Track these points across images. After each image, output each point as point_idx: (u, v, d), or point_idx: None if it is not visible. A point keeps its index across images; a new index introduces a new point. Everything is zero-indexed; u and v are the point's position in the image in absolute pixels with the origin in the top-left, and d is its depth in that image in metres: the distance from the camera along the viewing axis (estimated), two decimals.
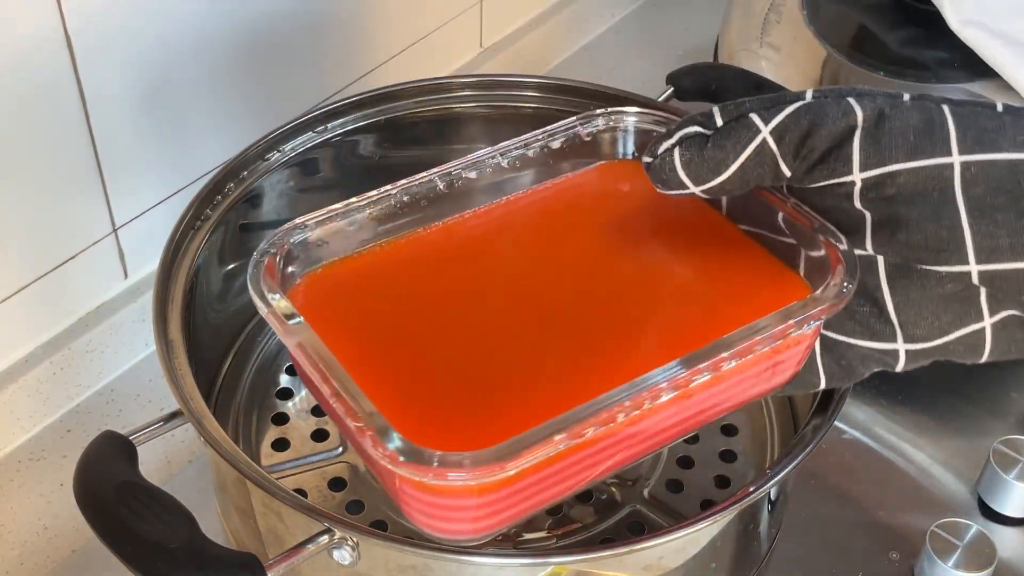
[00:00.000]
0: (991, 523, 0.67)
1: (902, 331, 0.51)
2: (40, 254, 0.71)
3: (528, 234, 0.55)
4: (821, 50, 0.80)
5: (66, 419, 0.73)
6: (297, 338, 0.47)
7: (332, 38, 0.82)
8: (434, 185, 0.54)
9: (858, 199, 0.50)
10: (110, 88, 0.69)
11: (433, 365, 0.49)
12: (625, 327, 0.50)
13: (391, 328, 0.50)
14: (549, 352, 0.49)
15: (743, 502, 0.52)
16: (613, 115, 0.57)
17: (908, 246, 0.49)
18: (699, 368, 0.46)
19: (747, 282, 0.52)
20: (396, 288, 0.52)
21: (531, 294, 0.52)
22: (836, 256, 0.50)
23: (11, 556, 0.67)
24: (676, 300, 0.52)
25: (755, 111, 0.49)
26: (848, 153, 0.49)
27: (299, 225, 0.51)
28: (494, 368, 0.49)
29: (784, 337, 0.48)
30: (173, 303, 0.59)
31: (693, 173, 0.50)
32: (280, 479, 0.61)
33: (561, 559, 0.52)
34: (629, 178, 0.57)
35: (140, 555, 0.47)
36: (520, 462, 0.43)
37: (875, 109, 0.49)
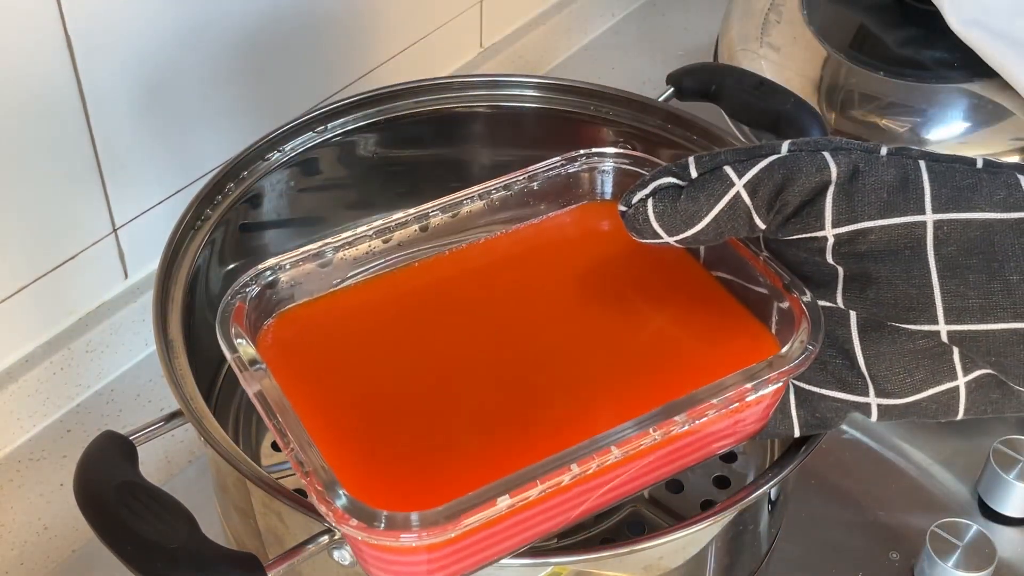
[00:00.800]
0: (991, 523, 0.67)
1: (874, 385, 0.51)
2: (40, 254, 0.71)
3: (502, 277, 0.55)
4: (821, 50, 0.80)
5: (66, 419, 0.73)
6: (256, 386, 0.47)
7: (332, 38, 0.82)
8: (409, 227, 0.54)
9: (830, 254, 0.50)
10: (110, 88, 0.69)
11: (389, 417, 0.49)
12: (586, 382, 0.50)
13: (352, 375, 0.50)
14: (506, 407, 0.49)
15: (743, 502, 0.52)
16: (593, 157, 0.57)
17: (878, 303, 0.49)
18: (648, 431, 0.45)
19: (715, 336, 0.52)
20: (363, 332, 0.52)
21: (497, 343, 0.52)
22: (801, 313, 0.50)
23: (11, 556, 0.67)
24: (642, 352, 0.52)
25: (729, 163, 0.49)
26: (821, 208, 0.49)
27: (272, 266, 0.51)
28: (450, 421, 0.49)
29: (740, 400, 0.48)
30: (173, 303, 0.59)
31: (666, 224, 0.50)
32: (280, 479, 0.61)
33: (561, 559, 0.51)
34: (608, 219, 0.57)
35: (140, 555, 0.47)
36: (464, 523, 0.43)
37: (850, 165, 0.49)
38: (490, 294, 0.54)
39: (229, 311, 0.50)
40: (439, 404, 0.49)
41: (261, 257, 0.70)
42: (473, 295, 0.54)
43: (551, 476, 0.44)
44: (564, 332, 0.53)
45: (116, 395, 0.75)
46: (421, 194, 0.74)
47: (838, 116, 0.79)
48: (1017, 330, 0.48)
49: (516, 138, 0.73)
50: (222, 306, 0.50)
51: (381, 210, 0.74)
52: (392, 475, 0.46)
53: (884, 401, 0.51)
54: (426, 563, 0.45)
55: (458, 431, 0.48)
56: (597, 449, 0.45)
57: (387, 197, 0.74)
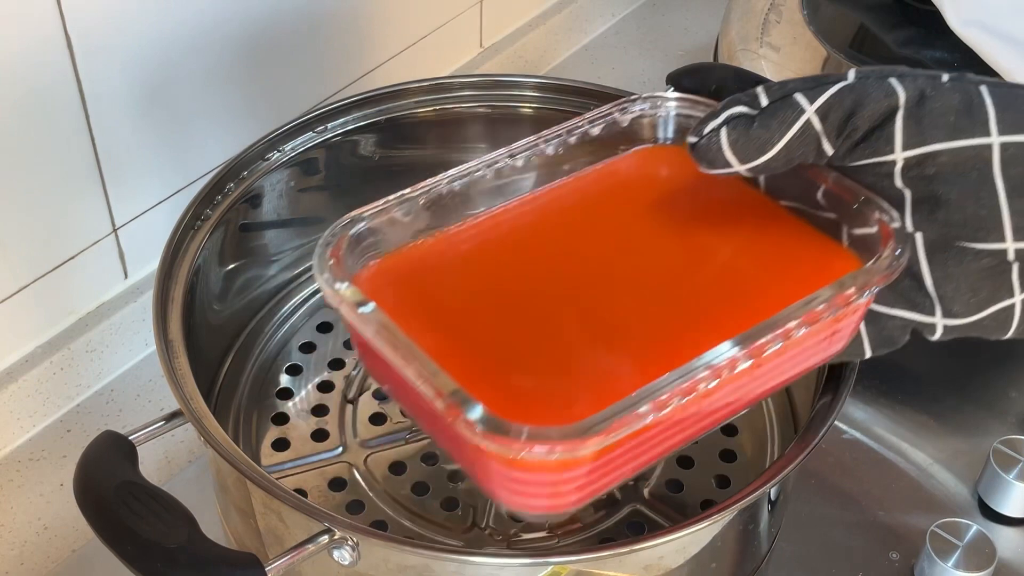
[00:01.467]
0: (991, 523, 0.67)
1: (940, 305, 0.52)
2: (40, 254, 0.71)
3: (576, 218, 0.56)
4: (821, 50, 0.80)
5: (66, 419, 0.73)
6: (374, 325, 0.47)
7: (332, 38, 0.82)
8: (483, 175, 0.55)
9: (898, 178, 0.51)
10: (110, 88, 0.69)
11: (505, 345, 0.49)
12: (687, 303, 0.51)
13: (457, 313, 0.51)
14: (616, 330, 0.50)
15: (743, 502, 0.52)
16: (652, 100, 0.58)
17: (947, 224, 0.51)
18: (771, 337, 0.47)
19: (798, 256, 0.53)
20: (456, 275, 0.53)
21: (588, 276, 0.53)
22: (887, 229, 0.51)
23: (11, 556, 0.67)
24: (733, 275, 0.53)
25: (800, 91, 0.50)
26: (890, 133, 0.50)
27: (355, 217, 0.52)
28: (564, 347, 0.49)
29: (846, 305, 0.49)
30: (173, 303, 0.59)
31: (739, 152, 0.51)
32: (280, 479, 0.61)
33: (561, 559, 0.52)
34: (667, 162, 0.58)
35: (140, 555, 0.47)
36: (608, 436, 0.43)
37: (916, 89, 0.50)
38: (572, 234, 0.55)
39: (324, 256, 0.50)
40: (548, 332, 0.50)
41: (261, 257, 0.71)
42: (555, 236, 0.55)
43: (688, 384, 0.45)
44: (653, 262, 0.54)
45: (116, 395, 0.75)
46: None
47: None
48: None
49: (516, 138, 0.73)
50: (317, 253, 0.50)
51: None
52: (524, 397, 0.47)
53: (950, 321, 0.53)
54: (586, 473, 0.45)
55: (575, 356, 0.49)
56: (725, 358, 0.46)
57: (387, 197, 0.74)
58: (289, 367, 0.70)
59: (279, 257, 0.72)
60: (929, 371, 0.75)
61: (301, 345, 0.71)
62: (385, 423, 0.66)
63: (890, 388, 0.74)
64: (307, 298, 0.73)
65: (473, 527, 0.61)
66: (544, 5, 1.03)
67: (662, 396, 0.44)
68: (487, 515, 0.61)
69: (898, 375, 0.74)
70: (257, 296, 0.71)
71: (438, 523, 0.61)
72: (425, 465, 0.64)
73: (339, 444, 0.65)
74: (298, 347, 0.70)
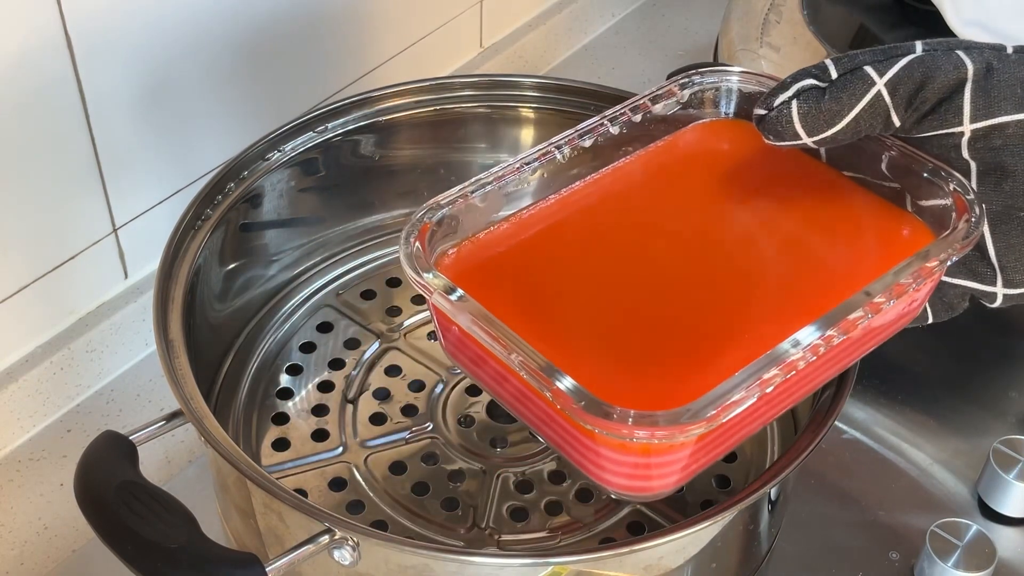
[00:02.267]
0: (991, 523, 0.67)
1: (1002, 275, 0.53)
2: (40, 254, 0.71)
3: (647, 197, 0.56)
4: (821, 50, 0.80)
5: (66, 419, 0.73)
6: (467, 313, 0.47)
7: (332, 38, 0.82)
8: (552, 157, 0.55)
9: (965, 149, 0.52)
10: (110, 88, 0.69)
11: (597, 326, 0.50)
12: (770, 279, 0.52)
13: (544, 296, 0.51)
14: (702, 308, 0.51)
15: (743, 502, 0.52)
16: (712, 73, 0.59)
17: (1013, 195, 0.51)
18: (862, 312, 0.47)
19: (870, 226, 0.54)
20: (536, 259, 0.53)
21: (665, 251, 0.54)
22: (961, 200, 0.51)
23: (11, 556, 0.67)
24: (810, 249, 0.53)
25: (869, 63, 0.51)
26: (959, 104, 0.51)
27: (433, 205, 0.52)
28: (655, 329, 0.50)
29: (929, 276, 0.49)
30: (173, 303, 0.59)
31: (809, 125, 0.51)
32: (280, 479, 0.61)
33: (561, 559, 0.52)
34: (730, 135, 0.59)
35: (140, 555, 0.47)
36: (713, 421, 0.44)
37: (984, 62, 0.50)
38: (642, 212, 0.56)
39: (411, 245, 0.50)
40: (638, 315, 0.51)
41: (261, 257, 0.71)
42: (625, 218, 0.56)
43: (788, 363, 0.45)
44: (732, 238, 0.54)
45: (116, 395, 0.75)
46: (421, 194, 0.74)
47: None
48: None
49: (516, 138, 0.73)
50: (403, 243, 0.50)
51: (381, 210, 0.74)
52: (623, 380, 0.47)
53: (1010, 291, 0.54)
54: (689, 455, 0.46)
55: (668, 337, 0.49)
56: (821, 335, 0.46)
57: (387, 197, 0.74)
58: (289, 367, 0.70)
59: (279, 257, 0.72)
60: (929, 371, 0.75)
61: (301, 345, 0.71)
62: (385, 423, 0.66)
63: (890, 388, 0.74)
64: (307, 298, 0.73)
65: (473, 527, 0.61)
66: (544, 5, 1.03)
67: (764, 376, 0.45)
68: (487, 515, 0.61)
69: (898, 375, 0.74)
70: (257, 296, 0.71)
71: (438, 523, 0.61)
72: (425, 465, 0.64)
73: (339, 444, 0.65)
74: (298, 347, 0.70)
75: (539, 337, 0.48)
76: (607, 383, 0.47)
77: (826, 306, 0.48)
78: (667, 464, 0.46)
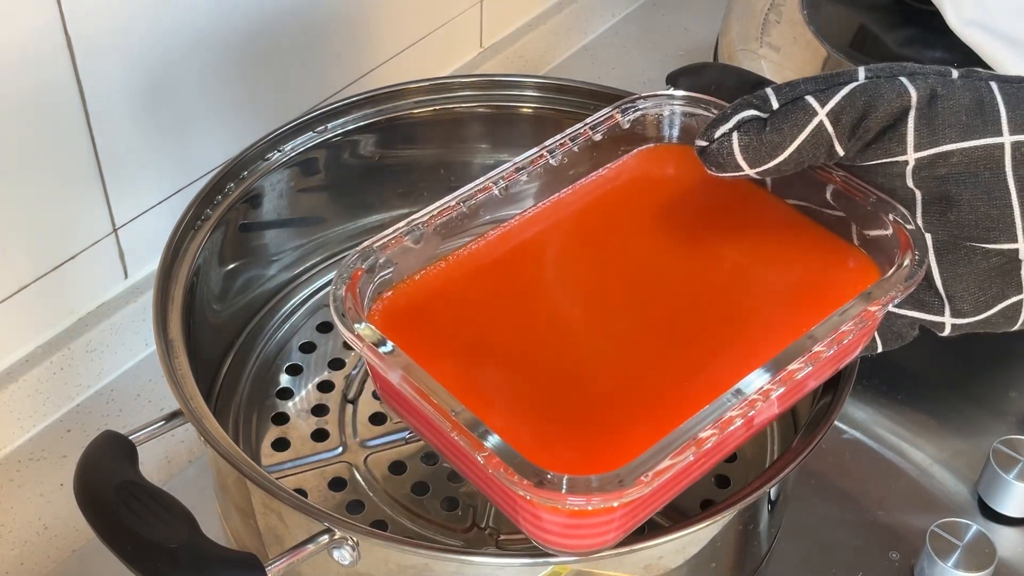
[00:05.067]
0: (991, 523, 0.67)
1: (950, 304, 0.52)
2: (40, 254, 0.71)
3: (588, 231, 0.55)
4: (821, 50, 0.80)
5: (66, 419, 0.73)
6: (397, 367, 0.46)
7: (332, 38, 0.82)
8: (489, 193, 0.54)
9: (910, 178, 0.51)
10: (110, 88, 0.69)
11: (529, 381, 0.49)
12: (711, 321, 0.51)
13: (476, 345, 0.50)
14: (646, 356, 0.49)
15: (743, 502, 0.52)
16: (654, 99, 0.58)
17: (959, 224, 0.51)
18: (801, 362, 0.47)
19: (814, 261, 0.53)
20: (470, 303, 0.52)
21: (604, 294, 0.53)
22: (904, 233, 0.51)
23: (11, 556, 0.67)
24: (751, 288, 0.53)
25: (811, 93, 0.50)
26: (903, 133, 0.50)
27: (366, 250, 0.51)
28: (591, 379, 0.49)
29: (871, 320, 0.49)
30: (173, 303, 0.59)
31: (751, 156, 0.50)
32: (280, 479, 0.61)
33: (561, 559, 0.51)
34: (673, 161, 0.58)
35: (140, 555, 0.47)
36: (648, 485, 0.43)
37: (928, 88, 0.50)
38: (583, 247, 0.55)
39: (341, 296, 0.49)
40: (571, 363, 0.49)
41: (261, 257, 0.71)
42: (567, 250, 0.55)
43: (723, 420, 0.44)
44: (668, 276, 0.53)
45: (116, 395, 0.75)
46: (421, 194, 0.74)
47: None
48: None
49: (516, 138, 0.73)
50: (332, 294, 0.49)
51: (381, 210, 0.74)
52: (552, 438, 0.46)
53: (958, 320, 0.53)
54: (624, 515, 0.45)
55: (600, 386, 0.48)
56: (757, 389, 0.45)
57: (387, 197, 0.74)
58: (289, 367, 0.69)
59: (279, 257, 0.72)
60: (929, 371, 0.75)
61: (301, 345, 0.71)
62: (385, 423, 0.66)
63: (890, 388, 0.74)
64: (307, 298, 0.73)
65: (473, 527, 0.61)
66: (544, 5, 1.03)
67: (700, 435, 0.44)
68: (487, 515, 0.61)
69: (898, 375, 0.74)
70: (257, 296, 0.71)
71: (438, 523, 0.61)
72: (425, 465, 0.64)
73: (339, 444, 0.65)
74: (298, 347, 0.70)
75: (471, 391, 0.47)
76: (540, 440, 0.45)
77: (768, 351, 0.47)
78: (602, 524, 0.45)
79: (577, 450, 0.45)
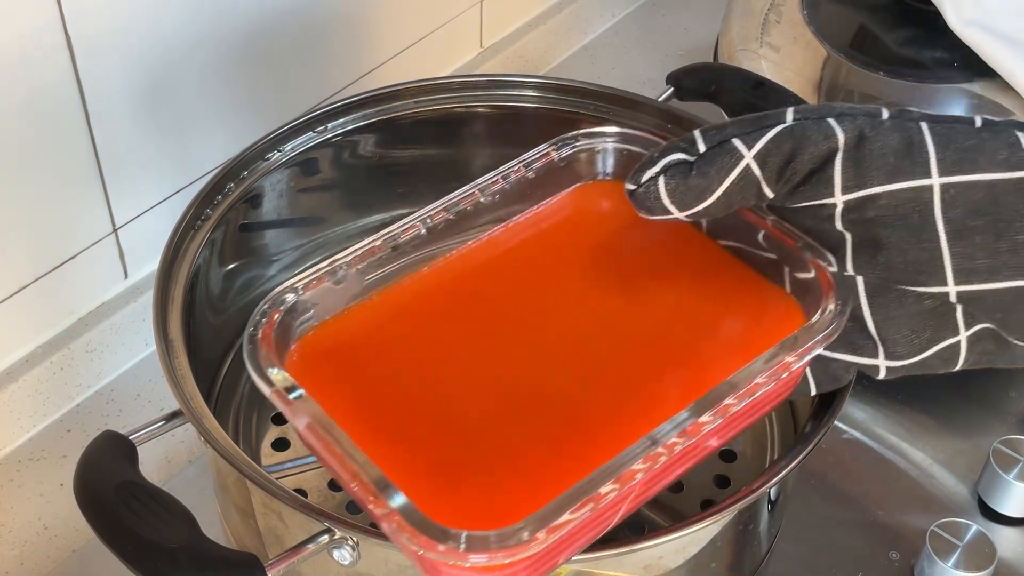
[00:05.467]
0: (991, 523, 0.67)
1: (883, 347, 0.52)
2: (40, 254, 0.71)
3: (516, 272, 0.55)
4: (821, 50, 0.80)
5: (66, 419, 0.73)
6: (305, 417, 0.46)
7: (332, 38, 0.82)
8: (416, 230, 0.53)
9: (839, 220, 0.50)
10: (110, 88, 0.69)
11: (439, 430, 0.48)
12: (626, 370, 0.50)
13: (392, 392, 0.49)
14: (553, 405, 0.49)
15: (743, 502, 0.52)
16: (589, 136, 0.57)
17: (888, 267, 0.50)
18: (707, 417, 0.46)
19: (739, 305, 0.52)
20: (390, 345, 0.51)
21: (527, 340, 0.52)
22: (827, 280, 0.50)
23: (11, 556, 0.67)
24: (672, 334, 0.52)
25: (737, 136, 0.49)
26: (830, 175, 0.49)
27: (287, 290, 0.50)
28: (503, 428, 0.48)
29: (787, 372, 0.48)
30: (173, 303, 0.59)
31: (678, 200, 0.50)
32: (280, 479, 0.61)
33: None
34: (608, 198, 0.57)
35: (140, 555, 0.47)
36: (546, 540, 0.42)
37: (855, 130, 0.49)
38: (510, 289, 0.54)
39: (255, 342, 0.48)
40: (483, 409, 0.49)
41: (261, 257, 0.71)
42: (490, 292, 0.54)
43: (625, 474, 0.44)
44: (592, 319, 0.52)
45: (116, 395, 0.75)
46: (421, 194, 0.74)
47: None
48: (1023, 288, 0.49)
49: (516, 138, 0.73)
50: (247, 336, 0.48)
51: (381, 210, 0.74)
52: (457, 491, 0.45)
53: (892, 363, 0.52)
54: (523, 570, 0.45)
55: (510, 436, 0.47)
56: (662, 442, 0.45)
57: (387, 197, 0.74)
58: None
59: (279, 257, 0.72)
60: None
61: None
62: None
63: (890, 388, 0.73)
64: None
65: None
66: (544, 5, 1.03)
67: (600, 489, 0.43)
68: None
69: None
70: (257, 296, 0.71)
71: None
72: None
73: None
74: None
75: (381, 439, 0.46)
76: (445, 492, 0.45)
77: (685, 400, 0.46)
78: None
79: (483, 503, 0.45)
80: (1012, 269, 0.49)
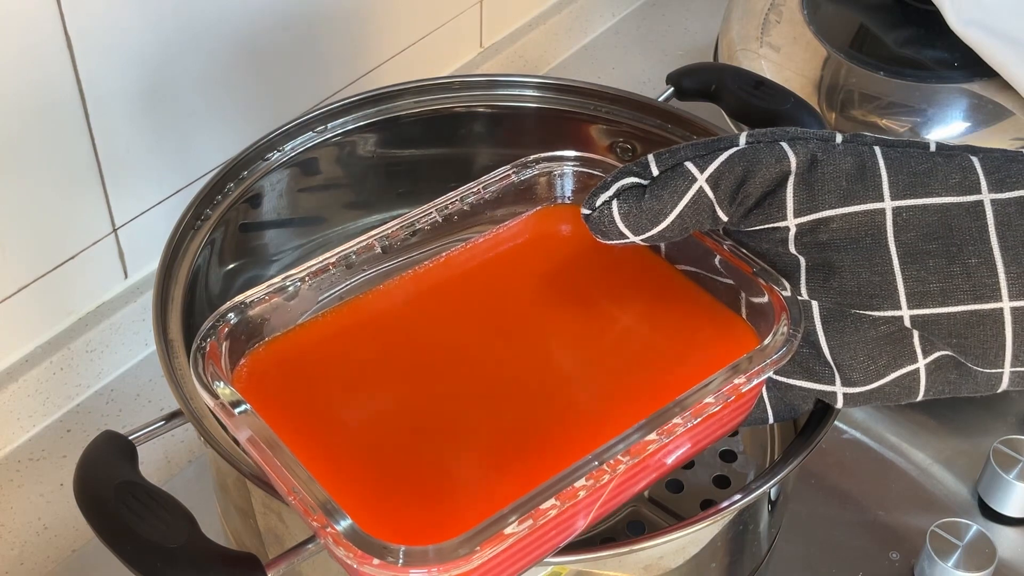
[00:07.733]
0: (991, 523, 0.67)
1: (839, 374, 0.51)
2: (40, 254, 0.71)
3: (470, 292, 0.55)
4: (821, 50, 0.80)
5: (66, 419, 0.73)
6: (246, 431, 0.46)
7: (332, 38, 0.82)
8: (371, 250, 0.53)
9: (792, 244, 0.50)
10: (110, 88, 0.69)
11: (381, 446, 0.48)
12: (577, 391, 0.50)
13: (339, 408, 0.49)
14: (496, 423, 0.49)
15: (743, 502, 0.52)
16: (549, 160, 0.57)
17: (841, 292, 0.50)
18: (653, 436, 0.46)
19: (693, 330, 0.52)
20: (339, 361, 0.51)
21: (478, 360, 0.52)
22: (780, 303, 0.50)
23: (11, 556, 0.67)
24: (625, 356, 0.51)
25: (690, 159, 0.49)
26: (782, 199, 0.49)
27: (238, 304, 0.50)
28: (444, 445, 0.48)
29: (736, 394, 0.48)
30: (173, 303, 0.59)
31: (632, 224, 0.50)
32: None
33: (561, 559, 0.51)
34: (568, 221, 0.57)
35: (140, 555, 0.47)
36: (484, 553, 0.42)
37: (808, 154, 0.49)
38: (464, 309, 0.54)
39: (202, 355, 0.48)
40: (429, 427, 0.49)
41: (261, 257, 0.71)
42: (447, 311, 0.54)
43: (567, 491, 0.44)
44: (545, 340, 0.52)
45: (116, 395, 0.75)
46: (421, 194, 0.74)
47: (838, 116, 0.79)
48: (977, 311, 0.48)
49: (516, 138, 0.73)
50: (194, 349, 0.48)
51: (381, 210, 0.74)
52: (399, 507, 0.45)
53: (849, 390, 0.51)
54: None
55: (455, 454, 0.48)
56: (605, 460, 0.44)
57: (387, 197, 0.74)
58: None
59: (279, 257, 0.72)
60: None
61: None
62: None
63: None
64: None
65: None
66: (544, 5, 1.03)
67: (540, 506, 0.43)
68: None
69: None
70: None
71: None
72: None
73: None
74: None
75: (321, 456, 0.46)
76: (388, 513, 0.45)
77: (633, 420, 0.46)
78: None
79: (424, 520, 0.45)
80: (965, 293, 0.48)
